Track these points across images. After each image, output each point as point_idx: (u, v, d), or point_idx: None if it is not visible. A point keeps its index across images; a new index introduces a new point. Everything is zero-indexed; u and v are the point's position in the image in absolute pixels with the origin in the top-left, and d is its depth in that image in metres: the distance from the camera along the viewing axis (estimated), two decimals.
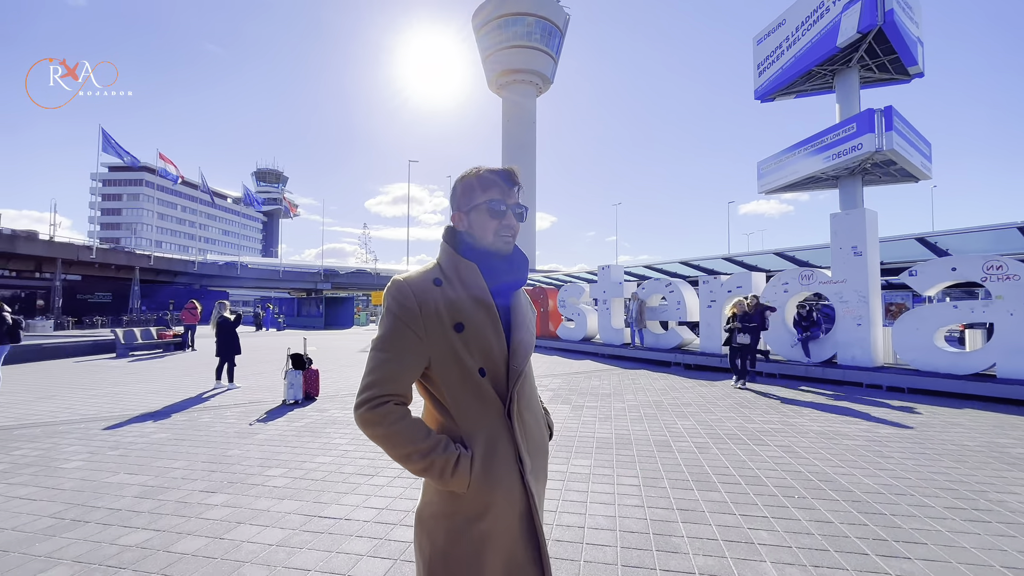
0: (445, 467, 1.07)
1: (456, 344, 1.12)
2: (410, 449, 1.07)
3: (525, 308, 1.29)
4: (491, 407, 1.16)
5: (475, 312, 1.15)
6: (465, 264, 1.19)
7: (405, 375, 1.11)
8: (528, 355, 1.22)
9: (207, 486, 3.76)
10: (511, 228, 1.22)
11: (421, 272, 1.19)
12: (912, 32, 22.04)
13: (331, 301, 35.95)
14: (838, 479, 3.94)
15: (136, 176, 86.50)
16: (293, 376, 7.15)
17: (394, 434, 1.06)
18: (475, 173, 1.21)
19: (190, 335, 15.86)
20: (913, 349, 8.38)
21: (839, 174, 23.76)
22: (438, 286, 1.15)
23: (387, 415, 1.06)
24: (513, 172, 1.23)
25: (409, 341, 1.10)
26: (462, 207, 1.23)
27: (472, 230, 1.22)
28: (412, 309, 1.11)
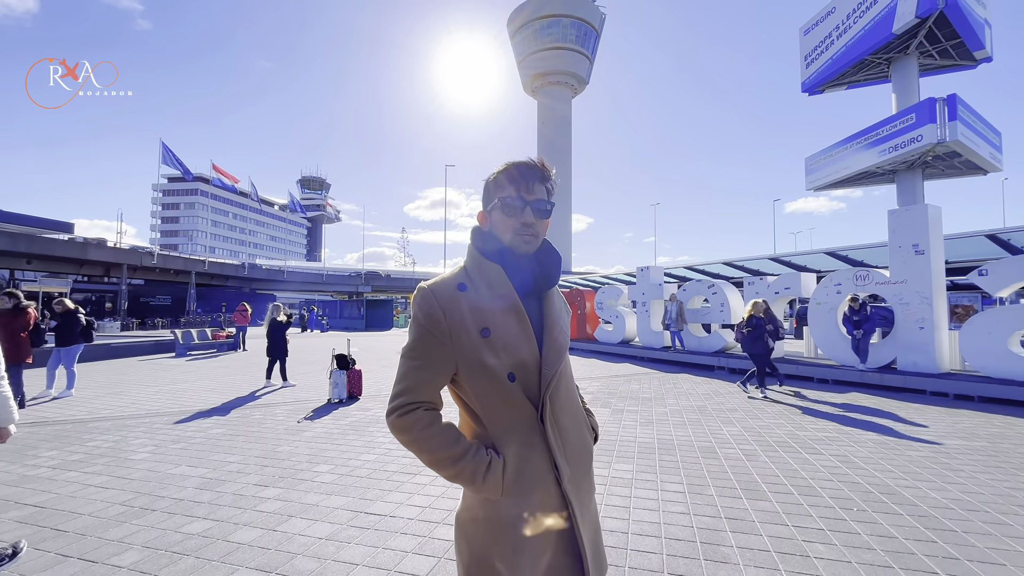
0: (476, 473, 1.07)
1: (483, 350, 1.09)
2: (441, 455, 1.07)
3: (558, 309, 1.24)
4: (523, 413, 1.11)
5: (502, 316, 1.12)
6: (489, 266, 1.15)
7: (433, 382, 1.12)
8: (560, 358, 1.16)
9: (260, 480, 3.94)
10: (530, 226, 1.15)
11: (446, 277, 1.17)
12: (978, 14, 20.54)
13: (371, 303, 36.92)
14: (901, 492, 3.70)
15: (192, 186, 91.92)
16: (338, 376, 7.38)
17: (424, 439, 1.07)
18: (498, 169, 1.18)
19: (241, 336, 16.67)
20: (984, 355, 7.77)
21: (896, 168, 22.40)
22: (463, 291, 1.13)
23: (416, 421, 1.08)
24: (534, 164, 1.17)
25: (435, 348, 1.10)
26: (486, 205, 1.21)
27: (494, 229, 1.19)
28: (437, 317, 1.10)
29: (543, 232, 1.20)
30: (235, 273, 47.63)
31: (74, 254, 33.41)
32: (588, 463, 1.24)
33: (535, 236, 1.17)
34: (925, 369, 8.35)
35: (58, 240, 33.52)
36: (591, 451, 1.26)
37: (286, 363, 9.05)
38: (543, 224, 1.18)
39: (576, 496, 1.14)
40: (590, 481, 1.23)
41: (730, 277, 16.22)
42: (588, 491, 1.21)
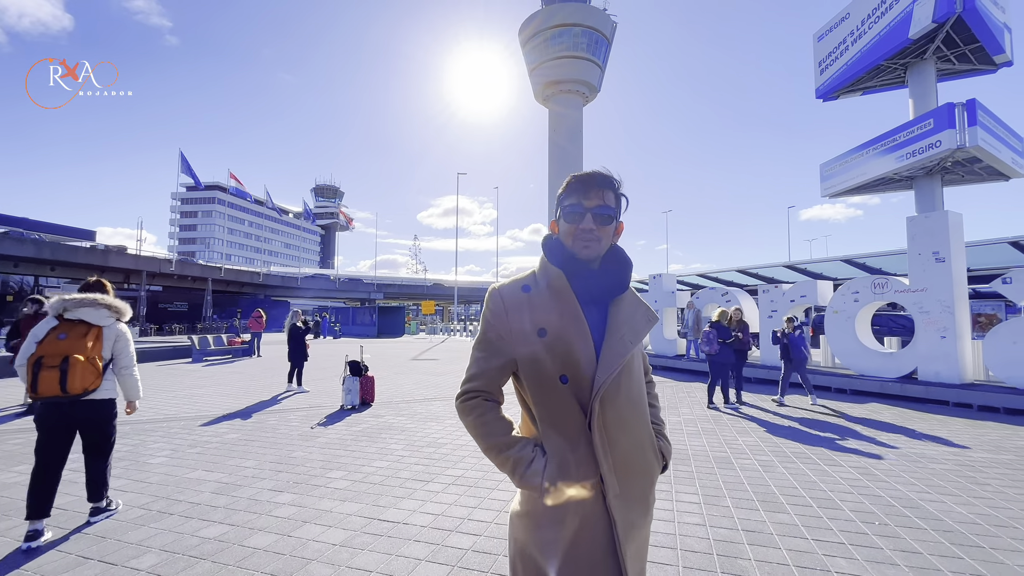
0: (518, 465, 1.12)
1: (539, 349, 1.13)
2: (491, 441, 1.16)
3: (627, 317, 1.21)
4: (572, 417, 1.12)
5: (559, 318, 1.15)
6: (552, 270, 1.19)
7: (495, 375, 1.20)
8: (616, 366, 1.12)
9: (275, 485, 3.97)
10: (589, 232, 1.17)
11: (516, 279, 1.25)
12: (997, 18, 20.22)
13: (384, 310, 37.19)
14: (925, 506, 3.60)
15: (209, 194, 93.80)
16: (351, 382, 7.43)
17: (479, 425, 1.17)
18: (567, 180, 1.23)
19: (256, 342, 16.88)
20: (1009, 365, 7.56)
21: (914, 174, 22.02)
22: (526, 292, 1.19)
23: (475, 408, 1.19)
24: (598, 173, 1.20)
25: (497, 344, 1.19)
26: (554, 214, 1.27)
27: (561, 236, 1.24)
28: (501, 315, 1.19)
29: (607, 238, 1.21)
30: (250, 280, 48.38)
31: (95, 261, 34.26)
32: (646, 486, 1.20)
33: (596, 241, 1.18)
34: (947, 379, 8.15)
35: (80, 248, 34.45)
36: (652, 474, 1.22)
37: (303, 368, 9.26)
38: (605, 231, 1.19)
39: (623, 515, 1.11)
40: (645, 505, 1.19)
41: (744, 285, 16.06)
42: (641, 514, 1.17)
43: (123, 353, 3.31)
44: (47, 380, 2.90)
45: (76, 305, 3.12)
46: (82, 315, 3.12)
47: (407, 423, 6.34)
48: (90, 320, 3.14)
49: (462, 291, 58.70)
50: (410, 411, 7.16)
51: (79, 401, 3.07)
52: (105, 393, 3.22)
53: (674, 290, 14.26)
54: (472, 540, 3.00)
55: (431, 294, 59.05)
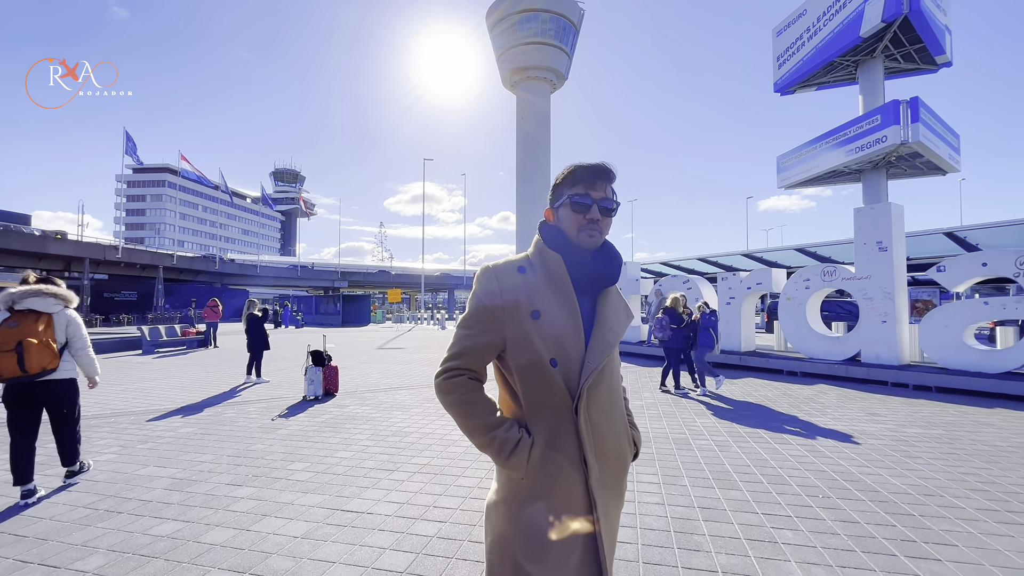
0: (503, 446, 1.11)
1: (531, 330, 1.13)
2: (475, 421, 1.14)
3: (614, 309, 1.26)
4: (559, 400, 1.14)
5: (553, 302, 1.16)
6: (551, 255, 1.20)
7: (482, 353, 1.18)
8: (604, 355, 1.17)
9: (233, 479, 3.85)
10: (596, 222, 1.20)
11: (510, 260, 1.24)
12: (940, 20, 21.35)
13: (348, 299, 36.38)
14: (864, 479, 3.86)
15: (159, 177, 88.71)
16: (313, 372, 7.26)
17: (463, 404, 1.15)
18: (567, 169, 1.24)
19: (212, 332, 16.22)
20: (941, 347, 8.15)
21: (862, 168, 23.19)
22: (522, 273, 1.19)
23: (459, 386, 1.16)
24: (601, 166, 1.22)
25: (488, 322, 1.17)
26: (553, 203, 1.27)
27: (561, 224, 1.24)
28: (494, 292, 1.17)
29: (607, 230, 1.25)
30: (206, 268, 46.25)
31: (32, 248, 31.90)
32: (620, 472, 1.24)
33: (600, 232, 1.22)
34: (887, 361, 8.72)
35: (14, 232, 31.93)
36: (626, 461, 1.27)
37: (263, 359, 8.99)
38: (608, 222, 1.24)
39: (602, 499, 1.15)
40: (619, 491, 1.24)
41: (705, 273, 16.58)
42: (615, 499, 1.22)
43: (76, 336, 3.66)
44: (6, 362, 3.24)
45: (23, 296, 3.41)
46: (30, 305, 3.42)
47: (372, 412, 6.26)
48: (39, 308, 3.45)
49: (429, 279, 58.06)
50: (375, 400, 7.07)
51: (41, 382, 3.45)
52: (64, 373, 3.58)
53: (638, 278, 14.58)
54: (437, 527, 3.01)
55: (397, 282, 58.08)
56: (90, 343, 3.78)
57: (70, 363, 3.64)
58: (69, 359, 3.63)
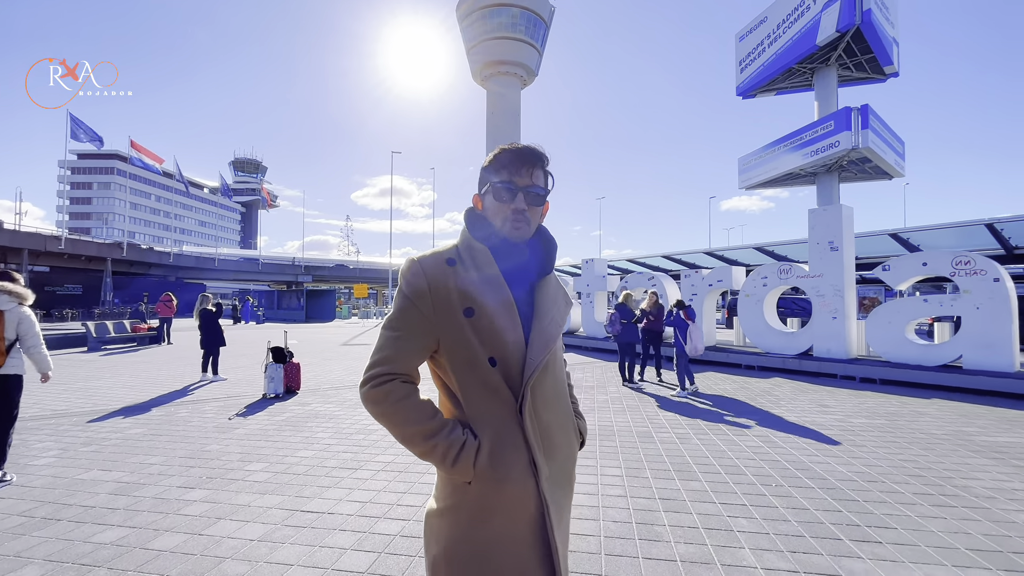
0: (448, 451, 1.02)
1: (465, 329, 1.06)
2: (412, 429, 1.03)
3: (553, 299, 1.18)
4: (502, 401, 1.07)
5: (487, 298, 1.07)
6: (478, 247, 1.12)
7: (412, 354, 1.08)
8: (547, 349, 1.10)
9: (185, 482, 3.69)
10: (521, 212, 1.12)
11: (438, 251, 1.14)
12: (888, 32, 22.52)
13: (312, 294, 35.39)
14: (814, 467, 4.05)
15: (107, 164, 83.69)
16: (273, 369, 7.03)
17: (396, 412, 1.03)
18: (493, 154, 1.15)
19: (165, 328, 15.47)
20: (885, 342, 8.64)
21: (817, 171, 24.26)
22: (451, 266, 1.09)
23: (391, 393, 1.03)
24: (530, 150, 1.13)
25: (418, 321, 1.07)
26: (480, 188, 1.18)
27: (486, 213, 1.16)
28: (422, 288, 1.07)
29: (537, 219, 1.16)
30: (159, 260, 44.05)
31: None
32: (570, 466, 1.19)
33: (527, 223, 1.13)
34: (837, 355, 9.18)
35: None
36: (575, 455, 1.21)
37: (219, 355, 8.65)
38: (536, 211, 1.15)
39: (554, 499, 1.09)
40: (570, 486, 1.19)
41: (669, 270, 17.00)
42: (566, 495, 1.17)
43: (28, 333, 3.70)
44: None
45: None
46: None
47: (335, 410, 6.12)
48: None
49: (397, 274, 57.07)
50: (339, 398, 6.91)
51: None
52: (11, 369, 3.64)
53: (605, 274, 14.79)
54: (401, 525, 2.97)
55: (364, 277, 56.86)
56: (43, 340, 3.83)
57: (18, 359, 3.68)
58: (17, 355, 3.68)
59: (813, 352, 9.55)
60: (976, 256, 7.75)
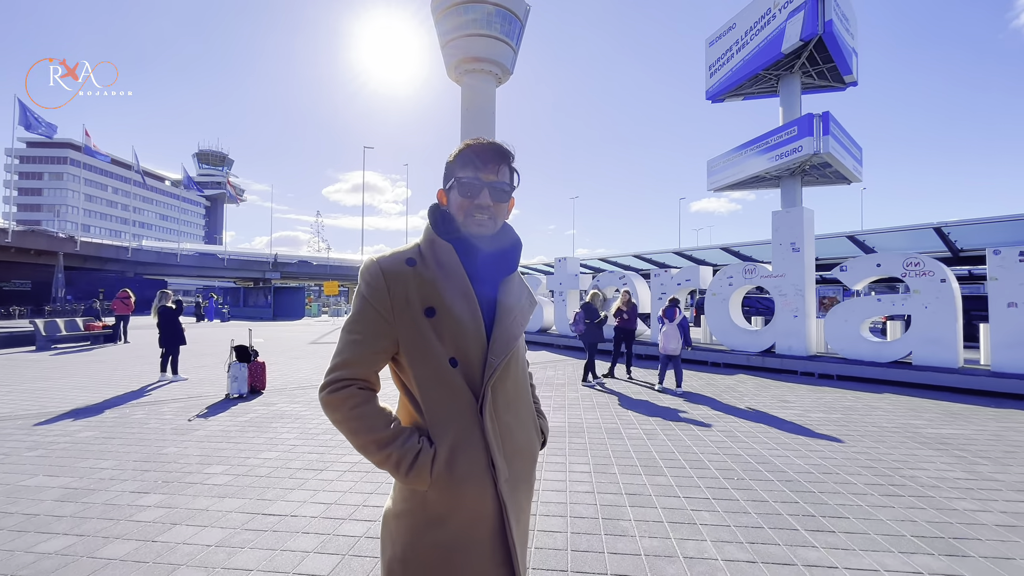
0: (402, 461, 1.00)
1: (426, 330, 1.04)
2: (369, 438, 1.01)
3: (516, 298, 1.17)
4: (462, 402, 1.05)
5: (449, 297, 1.06)
6: (441, 244, 1.09)
7: (372, 359, 1.06)
8: (508, 349, 1.09)
9: (139, 487, 3.53)
10: (485, 209, 1.09)
11: (397, 251, 1.12)
12: (848, 43, 23.48)
13: (281, 291, 34.45)
14: (773, 460, 4.20)
15: (59, 153, 79.35)
16: (237, 369, 6.81)
17: (352, 419, 1.01)
18: (458, 149, 1.13)
19: (122, 326, 14.79)
20: (842, 339, 9.02)
21: (781, 174, 25.10)
22: (411, 266, 1.07)
23: (347, 399, 1.02)
24: (496, 146, 1.12)
25: (376, 324, 1.05)
26: (445, 183, 1.15)
27: (451, 209, 1.13)
28: (380, 289, 1.05)
29: (502, 215, 1.14)
30: (116, 255, 42.06)
31: None
32: (530, 466, 1.17)
33: (491, 219, 1.11)
34: (798, 352, 9.53)
35: None
36: (535, 454, 1.20)
37: (179, 354, 8.33)
38: (501, 207, 1.13)
39: (512, 499, 1.08)
40: (529, 485, 1.18)
41: (639, 269, 17.29)
42: (526, 495, 1.16)
43: None
44: None
45: None
46: None
47: (302, 410, 5.98)
48: None
49: None
50: (306, 397, 6.76)
51: None
52: None
53: (577, 273, 14.93)
54: (366, 526, 2.93)
55: (335, 274, 55.70)
56: None
57: None
58: None
59: (775, 349, 9.89)
60: (925, 258, 8.17)
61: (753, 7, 25.01)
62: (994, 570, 2.47)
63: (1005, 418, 5.80)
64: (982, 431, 5.20)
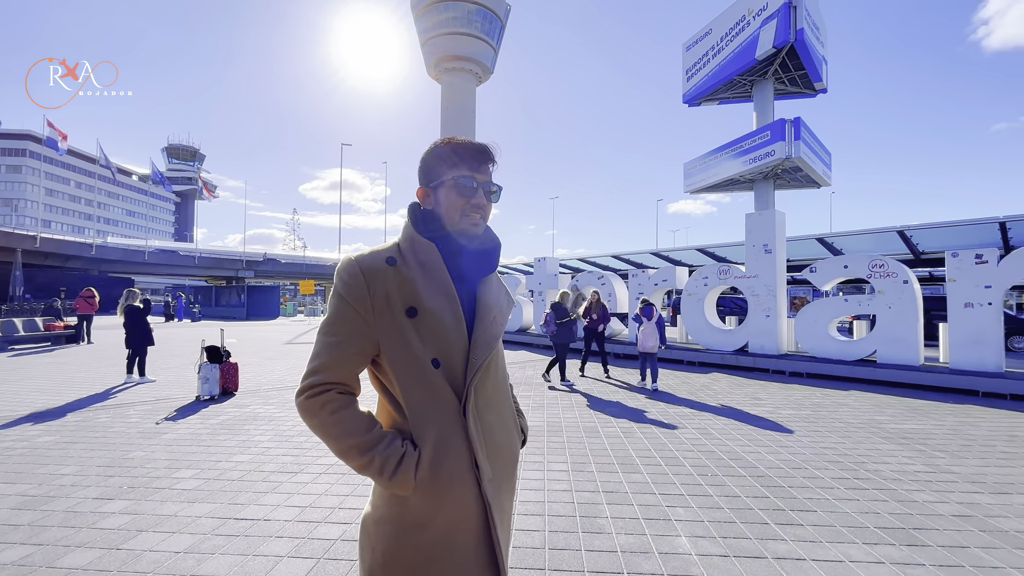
0: (385, 465, 0.98)
1: (407, 330, 1.02)
2: (349, 443, 0.99)
3: (496, 297, 1.17)
4: (445, 403, 1.04)
5: (431, 296, 1.04)
6: (423, 244, 1.07)
7: (351, 361, 1.03)
8: (490, 349, 1.09)
9: (102, 493, 3.40)
10: (481, 208, 1.10)
11: (376, 250, 1.09)
12: (819, 51, 24.22)
13: (255, 290, 33.64)
14: (746, 457, 4.30)
15: (17, 144, 75.79)
16: (208, 370, 6.63)
17: (331, 424, 0.99)
18: (445, 143, 1.11)
19: (85, 326, 14.21)
20: (811, 338, 9.31)
21: (755, 178, 25.75)
22: (391, 265, 1.05)
23: (326, 404, 0.99)
24: (488, 147, 1.12)
25: (355, 325, 1.02)
26: (429, 182, 1.12)
27: (438, 208, 1.11)
28: (360, 289, 1.02)
29: (489, 215, 1.15)
30: (79, 252, 40.39)
31: None
32: (512, 466, 1.17)
33: (484, 219, 1.12)
34: (770, 351, 9.79)
35: None
36: (517, 453, 1.20)
37: (146, 355, 8.05)
38: (490, 207, 1.14)
39: (496, 499, 1.07)
40: (512, 484, 1.18)
41: (617, 269, 17.49)
42: (508, 494, 1.15)
43: None
44: None
45: None
46: None
47: (276, 412, 5.85)
48: None
49: None
50: (280, 399, 6.62)
51: None
52: None
53: (557, 273, 15.01)
54: (342, 529, 2.88)
55: (311, 273, 54.69)
56: None
57: None
58: None
59: (749, 348, 10.14)
60: (889, 260, 8.49)
61: (728, 13, 25.59)
62: (950, 559, 2.59)
63: (962, 413, 6.08)
64: (941, 426, 5.44)
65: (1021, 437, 5.00)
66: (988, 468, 4.04)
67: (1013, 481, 3.74)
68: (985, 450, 4.54)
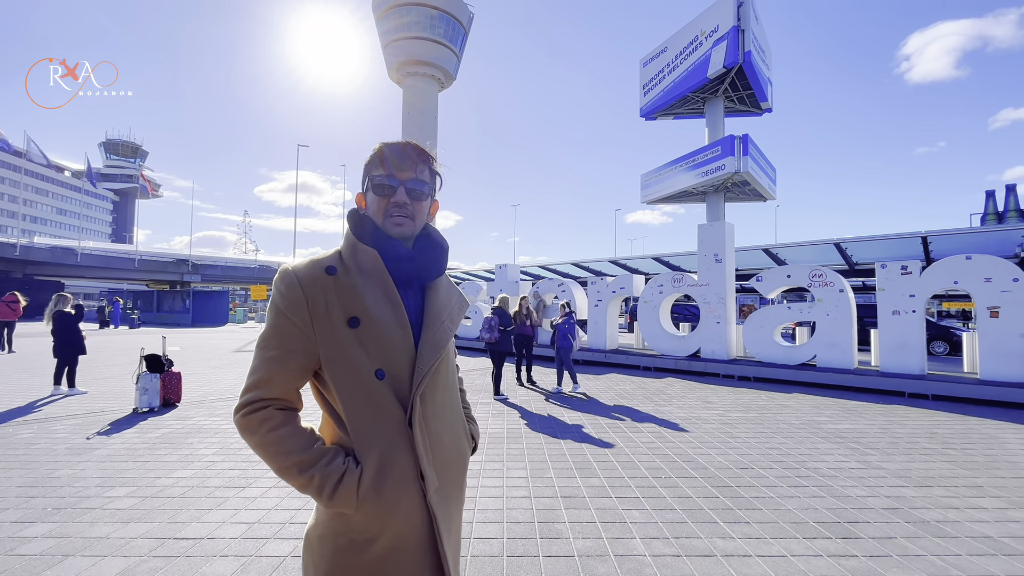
0: (325, 484, 0.94)
1: (349, 341, 0.98)
2: (288, 461, 0.95)
3: (444, 302, 1.14)
4: (390, 415, 1.00)
5: (375, 304, 1.01)
6: (363, 250, 1.04)
7: (291, 375, 0.99)
8: (438, 353, 1.06)
9: (22, 516, 3.12)
10: (403, 207, 1.06)
11: (315, 259, 1.04)
12: (765, 73, 25.73)
13: (201, 295, 31.96)
14: (697, 458, 4.46)
15: None
16: (147, 380, 6.22)
17: (271, 443, 0.95)
18: (376, 148, 1.10)
19: (6, 334, 13.04)
20: (758, 344, 9.79)
21: (706, 190, 26.93)
22: (331, 275, 1.01)
23: (264, 421, 0.95)
24: (412, 146, 1.09)
25: (294, 338, 0.98)
26: (363, 186, 1.12)
27: (370, 211, 1.09)
28: (298, 301, 0.98)
29: (421, 215, 1.11)
30: (1, 253, 37.03)
31: None
32: (461, 475, 1.14)
33: (409, 218, 1.08)
34: (720, 356, 10.21)
35: None
36: (466, 462, 1.17)
37: (76, 365, 7.45)
38: (420, 206, 1.10)
39: (443, 510, 1.05)
40: (461, 494, 1.15)
41: (577, 276, 17.78)
42: (457, 505, 1.12)
43: None
44: None
45: None
46: None
47: (222, 424, 5.57)
48: None
49: None
50: (227, 410, 6.30)
51: None
52: None
53: (518, 280, 15.11)
54: (293, 545, 2.77)
55: (262, 277, 52.45)
56: None
57: None
58: None
59: (701, 354, 10.54)
60: (827, 270, 9.08)
61: (683, 33, 26.78)
62: (880, 549, 2.78)
63: (891, 413, 6.55)
64: (872, 425, 5.84)
65: (940, 435, 5.45)
66: (913, 464, 4.38)
67: (934, 475, 4.07)
68: (910, 447, 4.91)
